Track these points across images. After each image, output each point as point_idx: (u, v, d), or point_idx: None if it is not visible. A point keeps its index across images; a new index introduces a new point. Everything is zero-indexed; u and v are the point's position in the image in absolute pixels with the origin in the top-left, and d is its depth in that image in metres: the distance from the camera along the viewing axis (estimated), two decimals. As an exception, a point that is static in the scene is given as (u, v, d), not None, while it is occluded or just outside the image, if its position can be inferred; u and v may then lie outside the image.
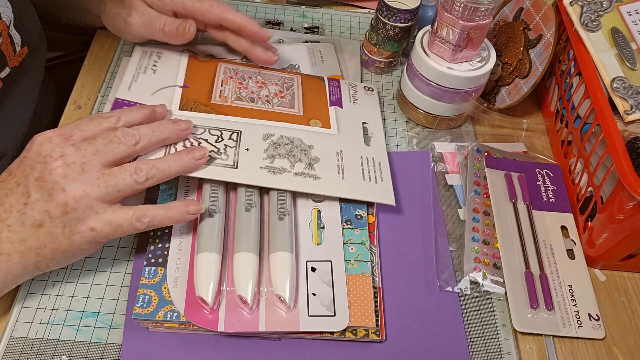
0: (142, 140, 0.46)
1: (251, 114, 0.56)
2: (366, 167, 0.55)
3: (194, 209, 0.46)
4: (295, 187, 0.51)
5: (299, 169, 0.52)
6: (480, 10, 0.53)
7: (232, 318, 0.44)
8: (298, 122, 0.57)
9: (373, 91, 0.64)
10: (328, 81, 0.63)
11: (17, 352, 0.44)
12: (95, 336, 0.45)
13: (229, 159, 0.51)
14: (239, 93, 0.58)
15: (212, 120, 0.54)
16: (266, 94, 0.59)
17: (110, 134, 0.45)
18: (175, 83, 0.58)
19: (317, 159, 0.53)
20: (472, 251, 0.53)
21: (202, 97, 0.57)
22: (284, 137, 0.55)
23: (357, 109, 0.61)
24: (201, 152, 0.48)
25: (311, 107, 0.59)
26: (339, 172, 0.53)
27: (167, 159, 0.46)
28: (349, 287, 0.47)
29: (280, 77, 0.62)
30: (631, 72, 0.53)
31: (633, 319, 0.51)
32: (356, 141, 0.57)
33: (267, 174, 0.51)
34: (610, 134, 0.49)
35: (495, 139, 0.64)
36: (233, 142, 0.52)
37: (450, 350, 0.47)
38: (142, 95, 0.56)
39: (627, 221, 0.48)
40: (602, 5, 0.56)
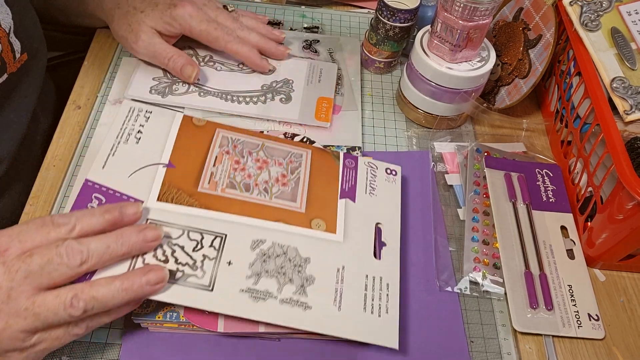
0: (90, 259, 0.38)
1: (243, 208, 0.48)
2: (370, 291, 0.46)
3: (130, 310, 0.41)
4: (280, 319, 0.43)
5: (287, 293, 0.44)
6: (479, 10, 0.53)
7: (232, 319, 0.44)
8: (297, 223, 0.48)
9: (396, 175, 0.55)
10: (344, 160, 0.54)
11: (17, 352, 0.44)
12: (95, 336, 0.45)
13: (205, 277, 0.43)
14: (233, 177, 0.50)
15: (195, 217, 0.46)
16: (265, 179, 0.50)
17: (52, 251, 0.37)
18: (160, 160, 0.49)
19: (312, 279, 0.45)
20: (471, 251, 0.53)
21: (188, 182, 0.48)
22: (277, 245, 0.46)
23: (372, 205, 0.52)
24: (158, 275, 0.40)
25: (317, 201, 0.50)
26: (335, 299, 0.45)
27: (112, 286, 0.38)
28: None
29: (287, 152, 0.53)
30: (631, 72, 0.53)
31: (633, 319, 0.51)
32: (364, 253, 0.48)
33: (247, 300, 0.43)
34: (610, 134, 0.49)
35: (495, 139, 0.64)
36: (214, 252, 0.45)
37: (450, 350, 0.47)
38: (117, 178, 0.47)
39: (627, 221, 0.48)
40: (602, 5, 0.56)
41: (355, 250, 0.48)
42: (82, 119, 0.60)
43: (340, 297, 0.45)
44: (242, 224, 0.47)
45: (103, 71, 0.64)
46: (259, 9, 0.75)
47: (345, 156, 0.54)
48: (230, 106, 0.61)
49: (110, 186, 0.47)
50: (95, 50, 0.66)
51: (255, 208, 0.48)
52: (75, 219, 0.40)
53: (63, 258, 0.37)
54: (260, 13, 0.75)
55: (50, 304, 0.37)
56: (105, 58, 0.66)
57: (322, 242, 0.48)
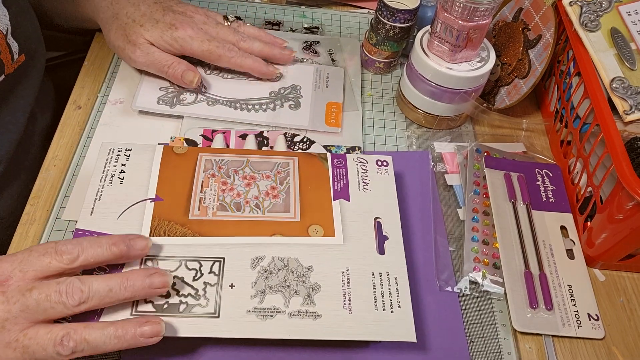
0: (89, 300, 0.38)
1: (237, 229, 0.47)
2: (379, 288, 0.45)
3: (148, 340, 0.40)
4: (292, 334, 0.43)
5: (295, 306, 0.43)
6: (479, 10, 0.53)
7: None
8: (294, 233, 0.48)
9: (387, 166, 0.54)
10: (332, 160, 0.53)
11: (17, 352, 0.44)
12: (96, 336, 0.45)
13: (209, 305, 0.43)
14: (222, 199, 0.49)
15: (190, 246, 0.46)
16: (255, 194, 0.49)
17: (52, 287, 0.37)
18: (146, 196, 0.48)
19: (318, 287, 0.45)
20: (471, 251, 0.53)
21: (178, 212, 0.48)
22: (277, 259, 0.46)
23: (367, 200, 0.51)
24: (154, 328, 0.39)
25: (311, 207, 0.50)
26: (344, 303, 0.44)
27: (106, 332, 0.38)
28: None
29: (273, 164, 0.52)
30: (630, 72, 0.54)
31: (632, 318, 0.51)
32: (366, 251, 0.48)
33: (255, 320, 0.43)
34: (610, 134, 0.49)
35: (494, 139, 0.64)
36: (214, 278, 0.44)
37: (450, 350, 0.47)
38: (106, 222, 0.46)
39: (627, 221, 0.48)
40: (602, 6, 0.56)
41: (358, 249, 0.47)
42: (83, 119, 0.60)
43: (349, 300, 0.44)
44: (239, 245, 0.46)
45: (103, 71, 0.64)
46: (259, 9, 0.75)
47: (333, 157, 0.53)
48: (240, 114, 0.61)
49: (102, 231, 0.45)
50: (96, 50, 0.67)
51: (249, 226, 0.48)
52: (80, 249, 0.39)
53: (62, 296, 0.37)
54: (260, 13, 0.75)
55: (41, 339, 0.37)
56: (106, 58, 0.66)
57: (322, 247, 0.47)
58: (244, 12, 0.75)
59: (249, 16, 0.74)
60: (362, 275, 0.46)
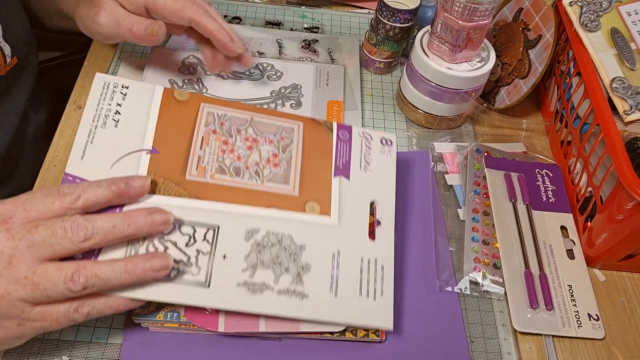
0: (94, 236, 0.38)
1: (235, 195, 0.46)
2: (365, 274, 0.46)
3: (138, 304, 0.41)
4: (278, 310, 0.43)
5: (284, 284, 0.43)
6: (479, 10, 0.53)
7: (233, 318, 0.44)
8: (291, 208, 0.47)
9: (391, 145, 0.53)
10: (337, 132, 0.51)
11: (17, 352, 0.44)
12: (96, 336, 0.45)
13: (200, 273, 0.42)
14: (222, 161, 0.47)
15: (186, 209, 0.44)
16: (256, 160, 0.48)
17: (57, 224, 0.37)
18: (142, 146, 0.46)
19: (308, 267, 0.44)
20: (471, 251, 0.53)
21: (174, 169, 0.45)
22: (271, 234, 0.45)
23: (367, 181, 0.50)
24: (162, 262, 0.39)
25: (310, 181, 0.48)
26: (331, 286, 0.44)
27: (115, 267, 0.38)
28: None
29: (277, 127, 0.50)
30: (630, 72, 0.54)
31: (632, 319, 0.51)
32: (359, 235, 0.47)
33: (244, 294, 0.43)
34: (610, 134, 0.49)
35: (494, 139, 0.64)
36: (207, 246, 0.43)
37: (450, 350, 0.47)
38: (98, 170, 0.44)
39: (627, 221, 0.48)
40: (602, 6, 0.56)
41: (351, 233, 0.47)
42: (83, 119, 0.60)
43: (336, 284, 0.45)
44: (235, 214, 0.45)
45: (103, 71, 0.64)
46: (259, 9, 0.75)
47: (339, 127, 0.52)
48: None
49: (91, 179, 0.43)
50: (96, 51, 0.67)
51: (247, 194, 0.46)
52: (80, 189, 0.39)
53: (67, 232, 0.37)
54: (260, 13, 0.75)
55: (51, 275, 0.36)
56: (106, 58, 0.66)
57: (317, 227, 0.46)
58: (244, 12, 0.75)
59: (249, 16, 0.74)
60: (352, 260, 0.46)
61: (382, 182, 0.51)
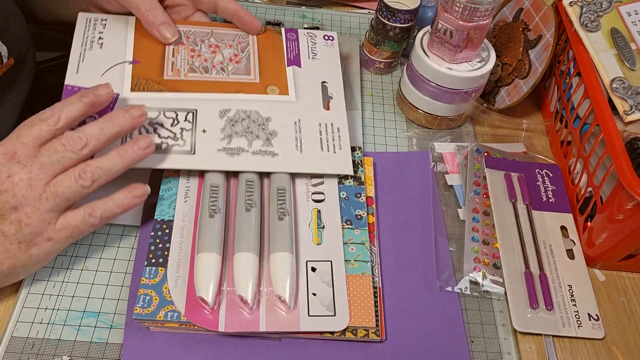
0: (89, 142, 0.44)
1: (206, 86, 0.55)
2: (324, 135, 0.54)
3: (140, 192, 0.46)
4: (254, 167, 0.51)
5: (256, 146, 0.52)
6: (479, 10, 0.53)
7: (233, 318, 0.44)
8: (255, 91, 0.56)
9: (333, 40, 0.62)
10: (285, 34, 0.61)
11: (18, 352, 0.44)
12: (96, 336, 0.45)
13: (186, 144, 0.51)
14: (192, 63, 0.56)
15: (167, 100, 0.53)
16: (220, 60, 0.57)
17: (55, 143, 0.43)
18: (124, 59, 0.55)
19: (275, 132, 0.53)
20: (471, 251, 0.53)
21: (153, 73, 0.55)
22: (241, 111, 0.54)
23: (316, 67, 0.60)
24: (146, 140, 0.46)
25: (268, 71, 0.58)
26: (297, 145, 0.53)
27: (110, 156, 0.45)
28: (348, 287, 0.47)
29: (234, 35, 0.60)
30: (631, 72, 0.54)
31: (632, 318, 0.51)
32: (315, 107, 0.56)
33: (225, 157, 0.51)
34: (610, 134, 0.49)
35: (495, 139, 0.64)
36: (189, 124, 0.52)
37: (450, 350, 0.47)
38: (91, 78, 0.53)
39: (627, 221, 0.48)
40: (602, 6, 0.56)
41: (307, 105, 0.56)
42: (83, 119, 0.60)
43: (300, 143, 0.53)
44: (208, 100, 0.54)
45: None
46: (259, 9, 0.75)
47: (287, 31, 0.62)
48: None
49: (87, 86, 0.49)
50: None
51: (216, 85, 0.55)
52: (58, 110, 0.44)
53: (67, 146, 0.43)
54: (261, 13, 0.75)
55: (63, 181, 0.43)
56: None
57: (278, 103, 0.55)
58: (244, 12, 0.75)
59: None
60: (311, 125, 0.55)
61: (328, 66, 0.60)
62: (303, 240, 0.50)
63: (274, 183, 0.51)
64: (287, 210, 0.49)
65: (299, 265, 0.48)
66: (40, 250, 0.43)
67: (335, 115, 0.56)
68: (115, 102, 0.52)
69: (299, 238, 0.50)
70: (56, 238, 0.43)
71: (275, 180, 0.51)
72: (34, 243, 0.43)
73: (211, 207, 0.48)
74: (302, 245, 0.49)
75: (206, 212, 0.48)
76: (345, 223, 0.51)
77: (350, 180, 0.54)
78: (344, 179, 0.54)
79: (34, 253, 0.43)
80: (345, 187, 0.54)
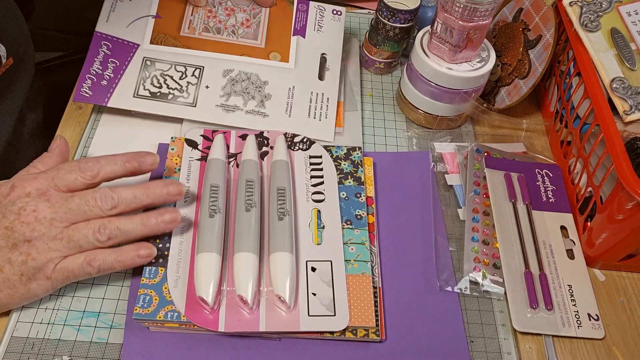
0: (119, 205, 0.45)
1: (216, 47, 0.61)
2: (314, 103, 0.60)
3: (145, 252, 0.45)
4: (245, 124, 0.57)
5: (250, 106, 0.58)
6: (479, 10, 0.53)
7: (233, 318, 0.44)
8: (258, 56, 0.62)
9: (341, 15, 0.67)
10: (297, 4, 0.66)
11: (18, 352, 0.44)
12: (96, 336, 0.46)
13: (190, 97, 0.58)
14: (207, 23, 0.62)
15: (179, 55, 0.60)
16: (233, 23, 0.63)
17: (88, 195, 0.44)
18: (149, 12, 0.62)
19: (270, 95, 0.59)
20: (471, 251, 0.53)
21: (172, 28, 0.62)
22: (242, 73, 0.60)
23: (319, 38, 0.65)
24: (172, 215, 0.46)
25: (274, 38, 0.63)
26: (287, 109, 0.59)
27: (134, 220, 0.45)
28: (349, 287, 0.47)
29: (250, 1, 0.65)
30: (630, 72, 0.54)
31: (632, 318, 0.51)
32: (310, 76, 0.62)
33: (221, 112, 0.58)
34: (610, 134, 0.49)
35: (494, 139, 0.64)
36: (195, 79, 0.59)
37: (450, 350, 0.47)
38: (118, 28, 0.60)
39: (627, 221, 0.48)
40: (602, 6, 0.56)
41: (304, 74, 0.62)
42: (83, 119, 0.60)
43: (290, 108, 0.59)
44: (216, 59, 0.61)
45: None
46: (259, 9, 0.75)
47: (299, 2, 0.67)
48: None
49: (114, 35, 0.60)
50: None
51: (225, 46, 0.62)
52: (99, 166, 0.45)
53: (98, 202, 0.44)
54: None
55: (82, 230, 0.43)
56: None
57: (277, 69, 0.61)
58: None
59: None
60: (303, 93, 0.60)
61: (330, 40, 0.65)
62: (303, 240, 0.50)
63: (274, 183, 0.51)
64: (287, 210, 0.49)
65: (299, 265, 0.48)
66: (39, 286, 0.43)
67: (329, 86, 0.62)
68: (135, 52, 0.60)
69: (299, 238, 0.50)
70: (53, 278, 0.43)
71: (275, 180, 0.51)
72: (35, 278, 0.43)
73: (211, 207, 0.48)
74: (302, 245, 0.49)
75: (206, 212, 0.48)
76: (345, 223, 0.51)
77: (350, 180, 0.54)
78: (344, 179, 0.54)
79: (32, 287, 0.43)
80: (345, 187, 0.54)
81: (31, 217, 0.42)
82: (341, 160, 0.55)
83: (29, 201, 0.43)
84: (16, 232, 0.42)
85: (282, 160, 0.53)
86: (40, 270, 0.43)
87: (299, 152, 0.56)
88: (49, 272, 0.43)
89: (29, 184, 0.44)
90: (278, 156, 0.53)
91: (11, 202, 0.43)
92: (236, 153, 0.55)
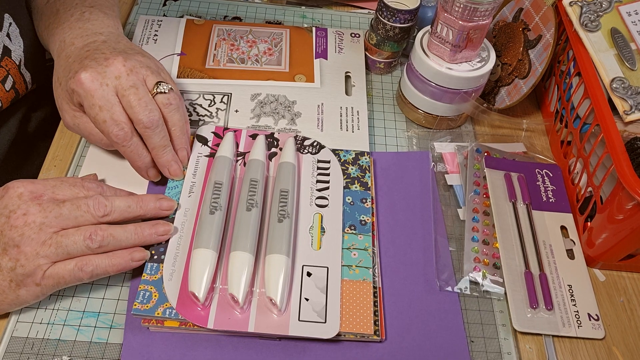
0: (112, 214, 0.45)
1: (241, 75, 0.63)
2: (345, 117, 0.61)
3: (139, 256, 0.45)
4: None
5: (282, 125, 0.59)
6: (479, 10, 0.53)
7: (223, 316, 0.44)
8: (284, 79, 0.63)
9: (359, 37, 0.70)
10: (316, 32, 0.69)
11: (17, 352, 0.44)
12: (96, 336, 0.45)
13: (220, 121, 0.59)
14: (231, 55, 0.65)
15: (206, 85, 0.62)
16: (255, 52, 0.65)
17: (82, 200, 0.44)
18: (174, 51, 0.65)
19: (299, 113, 0.60)
20: (471, 251, 0.53)
21: (197, 62, 0.64)
22: (270, 95, 0.62)
23: (341, 59, 0.67)
24: (165, 228, 0.47)
25: (297, 62, 0.66)
26: (318, 124, 0.60)
27: (127, 229, 0.45)
28: (347, 294, 0.47)
29: (270, 33, 0.69)
30: (630, 72, 0.54)
31: (632, 318, 0.51)
32: (337, 93, 0.63)
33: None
34: (610, 134, 0.49)
35: (494, 139, 0.64)
36: (224, 105, 0.60)
37: (450, 350, 0.47)
38: None
39: (627, 221, 0.48)
40: (602, 6, 0.56)
41: (330, 91, 0.63)
42: (83, 119, 0.60)
43: (321, 124, 0.60)
44: (242, 85, 0.63)
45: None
46: (259, 9, 0.75)
47: (317, 29, 0.70)
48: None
49: None
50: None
51: (250, 73, 0.64)
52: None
53: (90, 208, 0.44)
54: (260, 13, 0.75)
55: (72, 235, 0.43)
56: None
57: (304, 89, 0.63)
58: (244, 12, 0.75)
59: (249, 16, 0.74)
60: (333, 108, 0.62)
61: (352, 59, 0.67)
62: (301, 244, 0.49)
63: (278, 185, 0.51)
64: (287, 213, 0.49)
65: (295, 269, 0.48)
66: (28, 293, 0.43)
67: (356, 100, 0.63)
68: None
69: (297, 242, 0.49)
70: (43, 284, 0.43)
71: (279, 181, 0.51)
72: (24, 284, 0.42)
73: (212, 204, 0.48)
74: (300, 249, 0.49)
75: (207, 209, 0.48)
76: (349, 228, 0.51)
77: (356, 185, 0.54)
78: (351, 184, 0.54)
79: (21, 294, 0.43)
80: (351, 192, 0.54)
81: (20, 220, 0.42)
82: (349, 165, 0.56)
83: (20, 204, 0.42)
84: (5, 237, 0.42)
85: (288, 162, 0.53)
86: (29, 276, 0.42)
87: (308, 156, 0.56)
88: (38, 278, 0.42)
89: (23, 186, 0.43)
90: (285, 158, 0.53)
91: (3, 205, 0.43)
92: (245, 152, 0.55)
